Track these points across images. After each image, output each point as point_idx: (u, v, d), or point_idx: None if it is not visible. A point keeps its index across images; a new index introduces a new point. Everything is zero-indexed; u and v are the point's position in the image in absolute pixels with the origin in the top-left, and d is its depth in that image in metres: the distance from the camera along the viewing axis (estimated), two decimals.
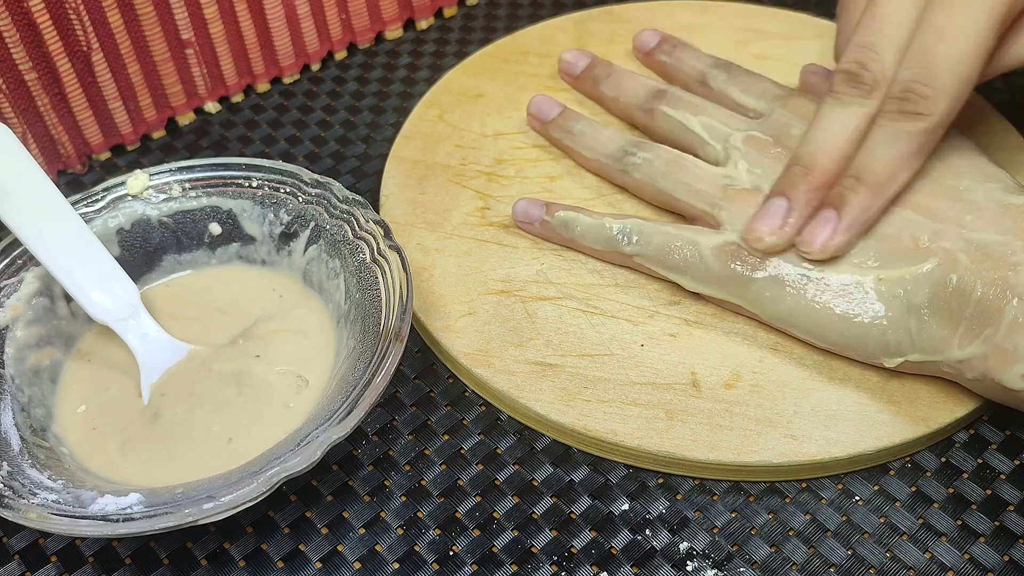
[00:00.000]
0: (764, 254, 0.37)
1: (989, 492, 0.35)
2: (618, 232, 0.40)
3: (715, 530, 0.35)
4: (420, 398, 0.39)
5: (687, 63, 0.47)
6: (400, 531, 0.35)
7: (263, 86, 0.53)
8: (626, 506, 0.35)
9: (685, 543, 0.34)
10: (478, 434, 0.38)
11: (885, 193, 0.36)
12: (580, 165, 0.46)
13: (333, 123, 0.51)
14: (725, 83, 0.45)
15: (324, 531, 0.35)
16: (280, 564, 0.34)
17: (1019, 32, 0.37)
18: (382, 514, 0.35)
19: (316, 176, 0.40)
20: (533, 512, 0.35)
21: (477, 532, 0.35)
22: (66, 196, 0.38)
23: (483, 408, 0.38)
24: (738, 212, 0.39)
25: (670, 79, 0.48)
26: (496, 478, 0.36)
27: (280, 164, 0.41)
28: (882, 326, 0.36)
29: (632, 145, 0.43)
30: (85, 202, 0.39)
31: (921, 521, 0.35)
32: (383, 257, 0.37)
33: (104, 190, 0.40)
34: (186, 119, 0.51)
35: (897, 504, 0.35)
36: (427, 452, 0.37)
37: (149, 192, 0.40)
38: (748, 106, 0.44)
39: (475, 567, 0.34)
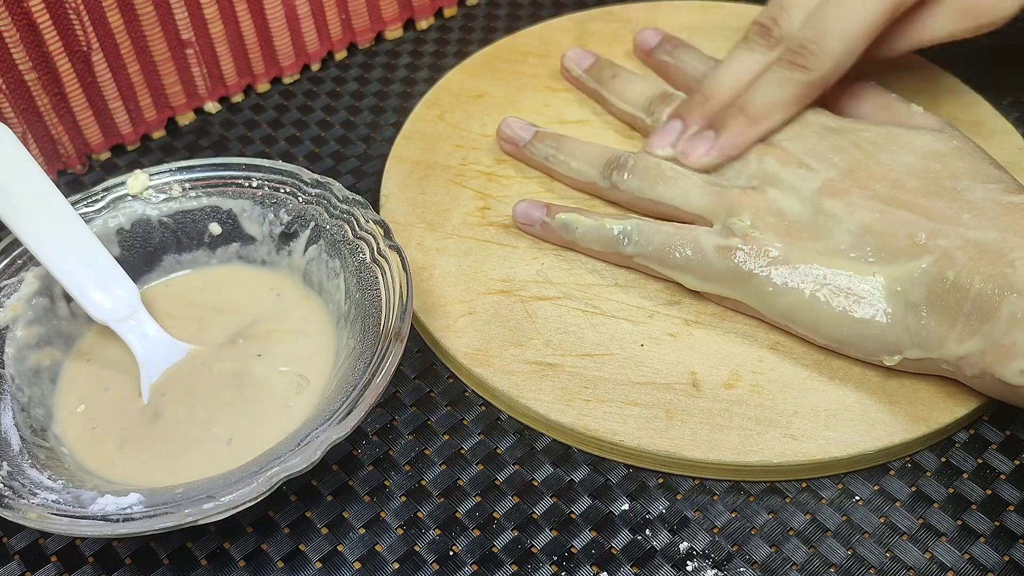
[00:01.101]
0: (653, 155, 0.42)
1: (989, 492, 0.35)
2: (619, 233, 0.40)
3: (715, 530, 0.35)
4: (420, 398, 0.39)
5: (689, 64, 0.47)
6: (400, 531, 0.35)
7: (263, 86, 0.53)
8: (626, 506, 0.35)
9: (685, 543, 0.34)
10: (478, 434, 0.38)
11: (759, 126, 0.41)
12: (565, 185, 0.45)
13: (333, 123, 0.51)
14: None
15: (324, 531, 0.35)
16: (280, 564, 0.34)
17: (926, 14, 0.41)
18: (382, 514, 0.35)
19: (316, 176, 0.40)
20: (533, 512, 0.35)
21: (477, 532, 0.35)
22: (66, 196, 0.38)
23: (483, 408, 0.38)
24: (733, 213, 0.39)
25: (671, 79, 0.48)
26: (496, 478, 0.36)
27: (280, 164, 0.41)
28: (881, 323, 0.36)
29: (613, 167, 0.43)
30: (85, 202, 0.39)
31: (921, 521, 0.35)
32: (383, 257, 0.37)
33: (104, 190, 0.40)
34: (186, 119, 0.51)
35: (897, 504, 0.35)
36: (427, 452, 0.37)
37: (149, 192, 0.40)
38: None
39: (475, 567, 0.34)
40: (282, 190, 0.40)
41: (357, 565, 0.34)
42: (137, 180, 0.40)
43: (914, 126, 0.41)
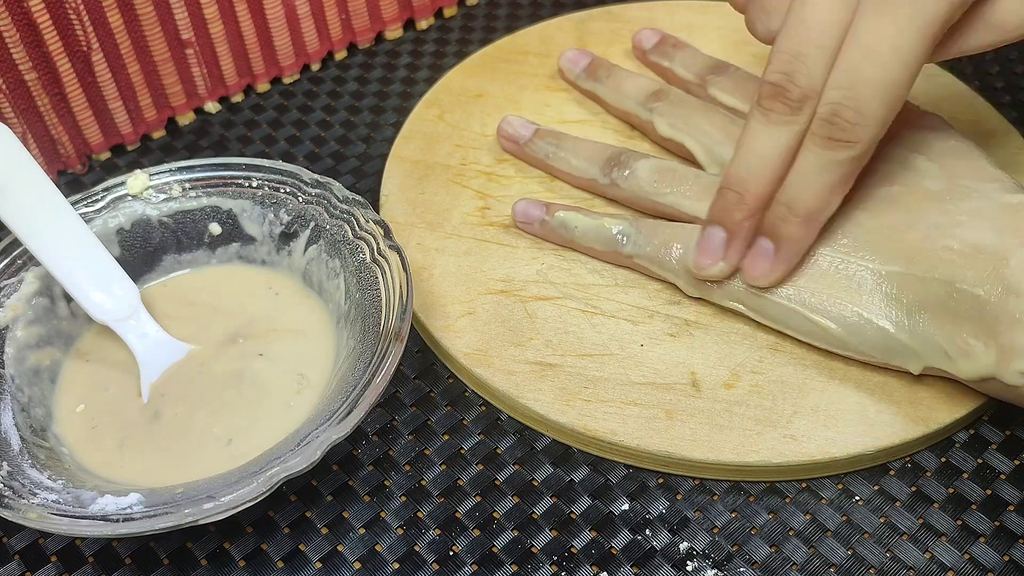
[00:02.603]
0: (714, 281, 0.38)
1: (989, 492, 0.35)
2: (617, 232, 0.40)
3: (715, 530, 0.35)
4: (420, 398, 0.39)
5: (686, 65, 0.47)
6: (400, 531, 0.35)
7: (263, 86, 0.53)
8: (626, 506, 0.35)
9: (685, 543, 0.34)
10: (478, 434, 0.38)
11: (818, 221, 0.36)
12: (565, 183, 0.45)
13: (333, 123, 0.51)
14: (724, 90, 0.45)
15: (324, 531, 0.35)
16: (280, 564, 0.34)
17: (960, 31, 0.34)
18: (382, 514, 0.35)
19: (316, 176, 0.40)
20: (533, 512, 0.35)
21: (477, 532, 0.35)
22: (66, 196, 0.38)
23: (483, 408, 0.38)
24: None
25: (669, 80, 0.48)
26: (496, 478, 0.36)
27: (280, 164, 0.41)
28: (879, 326, 0.36)
29: (613, 165, 0.43)
30: (85, 202, 0.39)
31: (921, 521, 0.35)
32: (383, 257, 0.37)
33: (104, 190, 0.40)
34: (186, 119, 0.51)
35: (897, 504, 0.35)
36: (427, 452, 0.37)
37: (149, 192, 0.40)
38: (743, 110, 0.44)
39: (475, 567, 0.34)
40: (282, 190, 0.40)
41: (357, 565, 0.34)
42: (137, 180, 0.40)
43: (912, 125, 0.41)
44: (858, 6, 0.33)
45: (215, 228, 0.41)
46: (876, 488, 0.35)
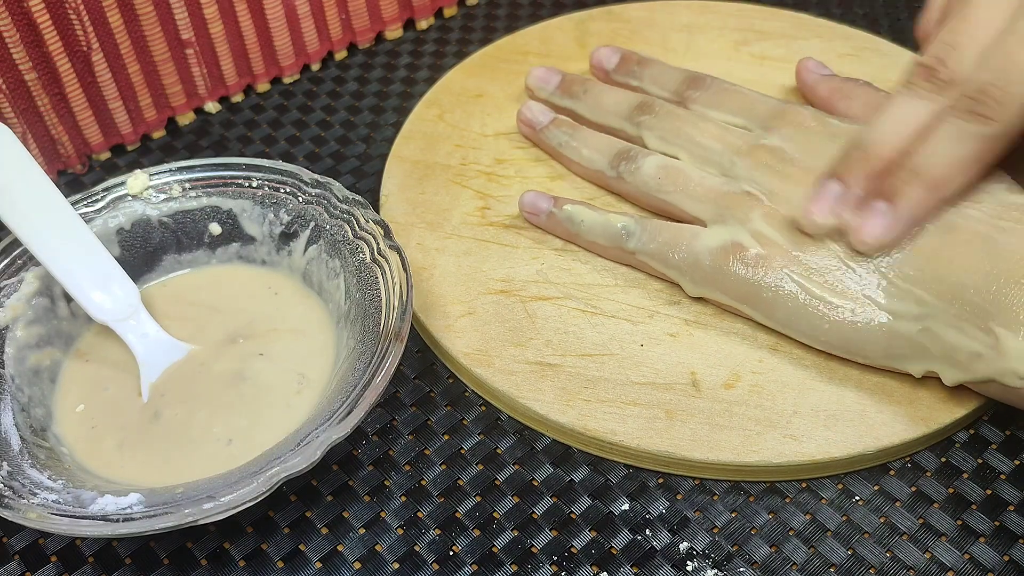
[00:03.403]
0: (815, 233, 0.37)
1: (989, 492, 0.35)
2: (622, 227, 0.40)
3: (715, 530, 0.35)
4: (420, 398, 0.39)
5: (658, 82, 0.46)
6: (400, 531, 0.35)
7: (263, 86, 0.53)
8: (626, 506, 0.35)
9: (685, 543, 0.34)
10: (478, 434, 0.38)
11: (939, 192, 0.36)
12: (574, 173, 0.45)
13: (333, 123, 0.51)
14: (708, 105, 0.44)
15: (324, 531, 0.35)
16: (280, 564, 0.34)
17: None
18: (382, 514, 0.35)
19: (316, 176, 0.40)
20: (533, 512, 0.35)
21: (477, 532, 0.35)
22: (66, 196, 0.38)
23: (483, 408, 0.38)
24: (734, 215, 0.39)
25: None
26: (496, 478, 0.36)
27: (280, 164, 0.41)
28: (881, 330, 0.36)
29: (621, 158, 0.43)
30: (85, 202, 0.39)
31: (921, 521, 0.35)
32: (383, 257, 0.37)
33: (104, 190, 0.40)
34: (186, 119, 0.51)
35: (897, 504, 0.35)
36: (427, 452, 0.37)
37: (149, 192, 0.40)
38: (733, 124, 0.43)
39: (475, 567, 0.34)
40: (282, 190, 0.40)
41: (357, 565, 0.34)
42: (137, 180, 0.40)
43: None
44: (1019, 7, 0.35)
45: (215, 228, 0.41)
46: (876, 488, 0.36)
